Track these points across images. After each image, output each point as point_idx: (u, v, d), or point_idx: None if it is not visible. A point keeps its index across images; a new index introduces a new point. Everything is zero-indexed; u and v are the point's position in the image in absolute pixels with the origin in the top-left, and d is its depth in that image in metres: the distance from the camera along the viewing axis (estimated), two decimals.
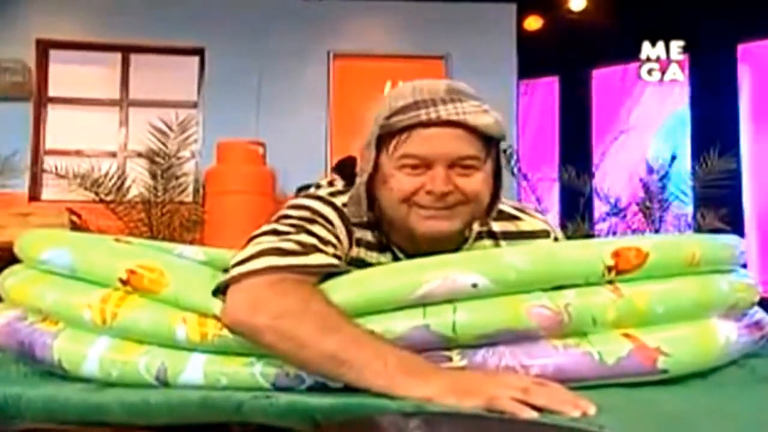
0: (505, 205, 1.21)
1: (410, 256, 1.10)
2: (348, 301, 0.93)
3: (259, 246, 0.99)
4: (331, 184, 1.19)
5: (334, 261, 1.01)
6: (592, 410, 0.74)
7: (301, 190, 1.25)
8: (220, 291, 0.96)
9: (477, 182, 1.07)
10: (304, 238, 1.01)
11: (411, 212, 1.07)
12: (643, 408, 0.83)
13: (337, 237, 1.06)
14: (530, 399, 0.75)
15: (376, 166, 1.09)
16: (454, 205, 1.06)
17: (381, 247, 1.15)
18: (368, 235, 1.14)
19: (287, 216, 1.06)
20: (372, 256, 1.14)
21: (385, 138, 1.07)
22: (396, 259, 1.14)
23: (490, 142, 1.08)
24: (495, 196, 1.14)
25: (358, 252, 1.13)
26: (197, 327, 0.96)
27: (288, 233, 1.01)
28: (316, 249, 1.00)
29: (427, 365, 0.85)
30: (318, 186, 1.20)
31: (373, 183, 1.10)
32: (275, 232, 1.02)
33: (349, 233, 1.10)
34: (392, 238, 1.15)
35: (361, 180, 1.10)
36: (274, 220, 1.07)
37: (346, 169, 1.18)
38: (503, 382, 0.79)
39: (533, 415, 0.73)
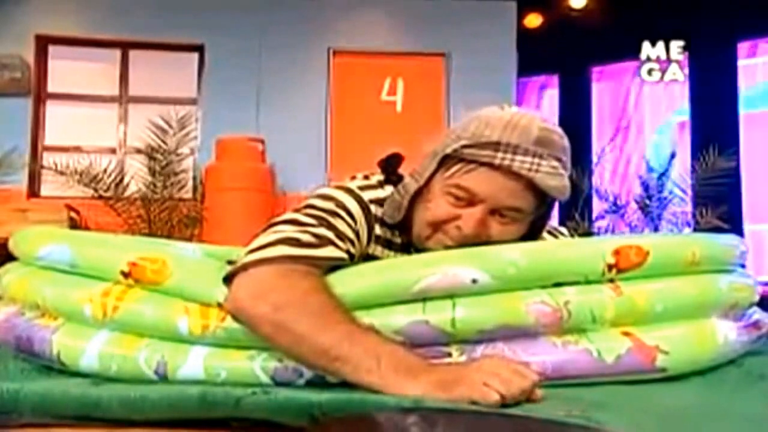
0: None
1: None
2: (347, 294, 0.93)
3: (275, 235, 0.98)
4: (367, 177, 1.16)
5: (344, 256, 1.00)
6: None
7: None
8: (229, 279, 0.95)
9: (510, 232, 1.05)
10: (323, 231, 1.00)
11: (433, 236, 1.07)
12: (641, 406, 0.83)
13: (356, 233, 1.05)
14: (503, 389, 0.77)
15: (428, 179, 1.07)
16: (477, 244, 1.03)
17: (401, 247, 1.13)
18: (390, 234, 1.12)
19: (312, 206, 1.05)
20: (388, 255, 1.12)
21: (449, 160, 1.05)
22: None
23: (546, 197, 1.06)
24: (528, 236, 1.11)
25: (374, 249, 1.11)
26: (199, 318, 0.95)
27: (307, 225, 1.00)
28: (330, 242, 0.99)
29: (418, 362, 0.84)
30: (353, 177, 1.17)
31: (416, 192, 1.08)
32: (295, 222, 1.01)
33: (370, 229, 1.09)
34: (413, 243, 1.13)
35: (409, 187, 1.09)
36: (299, 208, 1.05)
37: (390, 165, 1.16)
38: (482, 368, 0.81)
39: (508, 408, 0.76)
